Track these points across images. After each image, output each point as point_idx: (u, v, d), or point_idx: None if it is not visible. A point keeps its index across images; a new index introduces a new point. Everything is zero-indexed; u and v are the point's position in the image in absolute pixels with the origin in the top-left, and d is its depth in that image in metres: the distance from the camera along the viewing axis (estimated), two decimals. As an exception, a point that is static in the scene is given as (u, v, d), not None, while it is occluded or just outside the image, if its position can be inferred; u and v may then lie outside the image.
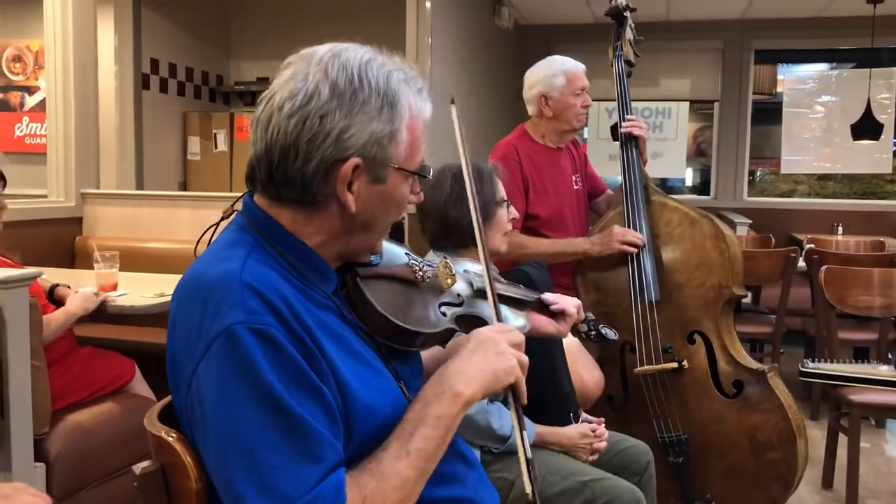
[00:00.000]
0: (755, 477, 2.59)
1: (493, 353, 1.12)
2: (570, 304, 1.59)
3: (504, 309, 1.33)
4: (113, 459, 2.60)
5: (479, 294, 1.34)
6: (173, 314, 1.06)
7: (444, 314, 1.24)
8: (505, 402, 1.17)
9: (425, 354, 1.33)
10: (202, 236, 1.21)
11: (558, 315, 1.59)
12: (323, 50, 1.09)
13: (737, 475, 2.61)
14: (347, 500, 0.96)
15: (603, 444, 1.99)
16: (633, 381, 2.69)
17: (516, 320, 1.45)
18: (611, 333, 1.58)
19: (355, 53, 1.09)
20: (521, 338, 1.17)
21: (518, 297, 1.52)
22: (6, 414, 2.24)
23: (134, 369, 2.92)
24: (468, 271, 1.38)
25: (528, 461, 1.12)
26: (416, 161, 1.13)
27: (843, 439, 3.08)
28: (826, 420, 3.45)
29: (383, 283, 1.19)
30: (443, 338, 1.24)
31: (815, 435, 3.76)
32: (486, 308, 1.30)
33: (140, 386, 2.93)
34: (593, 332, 1.57)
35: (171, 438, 1.06)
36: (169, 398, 1.19)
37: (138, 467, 1.07)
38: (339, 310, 1.11)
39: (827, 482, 3.31)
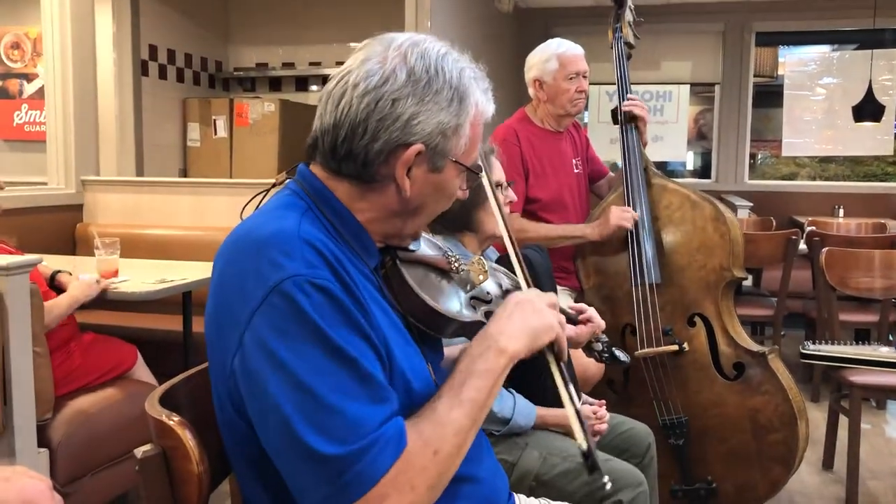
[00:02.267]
0: (756, 458, 2.60)
1: (531, 312, 1.16)
2: (595, 313, 1.59)
3: None
4: (115, 445, 2.61)
5: (507, 295, 1.36)
6: (220, 269, 1.07)
7: (473, 308, 1.26)
8: (547, 362, 1.19)
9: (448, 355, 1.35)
10: (250, 201, 1.23)
11: (579, 322, 1.59)
12: (402, 37, 1.13)
13: (738, 457, 2.62)
14: (409, 443, 0.99)
15: (604, 427, 1.99)
16: (633, 364, 2.70)
17: None
18: (623, 356, 1.60)
19: (433, 45, 1.13)
20: (556, 298, 1.22)
21: None
22: (8, 401, 2.25)
23: (136, 355, 2.93)
24: (497, 271, 1.40)
25: (577, 413, 1.14)
26: (471, 157, 1.17)
27: (843, 420, 3.09)
28: (827, 402, 3.46)
29: (420, 269, 1.22)
30: (471, 329, 1.26)
31: (816, 416, 3.77)
32: None
33: (142, 372, 2.94)
34: (606, 354, 1.58)
35: (172, 422, 1.06)
36: (170, 383, 1.20)
37: (140, 451, 1.07)
38: (378, 285, 1.15)
39: (828, 463, 3.32)
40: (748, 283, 4.92)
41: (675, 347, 2.62)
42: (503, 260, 2.06)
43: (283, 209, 1.10)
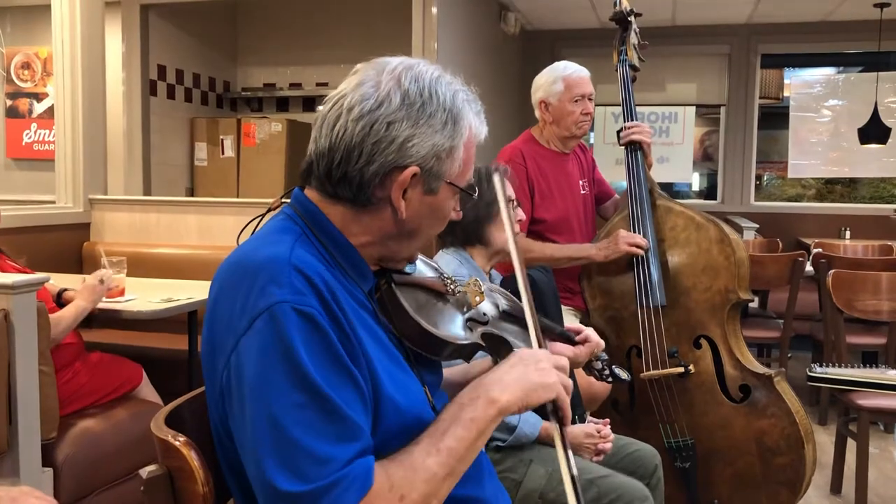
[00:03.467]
0: (762, 482, 2.58)
1: (533, 368, 1.14)
2: (593, 333, 1.59)
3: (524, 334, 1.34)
4: (120, 464, 2.61)
5: (504, 316, 1.36)
6: (215, 295, 1.08)
7: (470, 329, 1.25)
8: (546, 416, 1.18)
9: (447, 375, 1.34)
10: (246, 226, 1.24)
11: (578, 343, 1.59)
12: (395, 61, 1.14)
13: (744, 480, 2.60)
14: (375, 485, 0.98)
15: (608, 446, 1.99)
16: (639, 386, 2.69)
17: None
18: (623, 374, 1.60)
19: (427, 68, 1.14)
20: (566, 362, 1.20)
21: (541, 325, 1.52)
22: (14, 419, 2.25)
23: (141, 374, 2.93)
24: (493, 292, 1.40)
25: (573, 479, 1.13)
26: (465, 179, 1.17)
27: (851, 444, 3.06)
28: (834, 425, 3.44)
29: (416, 291, 1.22)
30: (468, 352, 1.26)
31: (824, 440, 3.74)
32: (509, 330, 1.32)
33: (147, 391, 2.94)
34: (606, 372, 1.59)
35: (177, 442, 1.06)
36: (175, 403, 1.20)
37: (145, 471, 1.07)
38: (372, 309, 1.14)
39: (835, 487, 3.29)
40: (755, 304, 4.91)
41: (681, 370, 2.61)
42: (507, 283, 2.07)
43: (278, 234, 1.10)
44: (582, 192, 3.00)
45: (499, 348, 1.30)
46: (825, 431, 4.00)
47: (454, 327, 1.23)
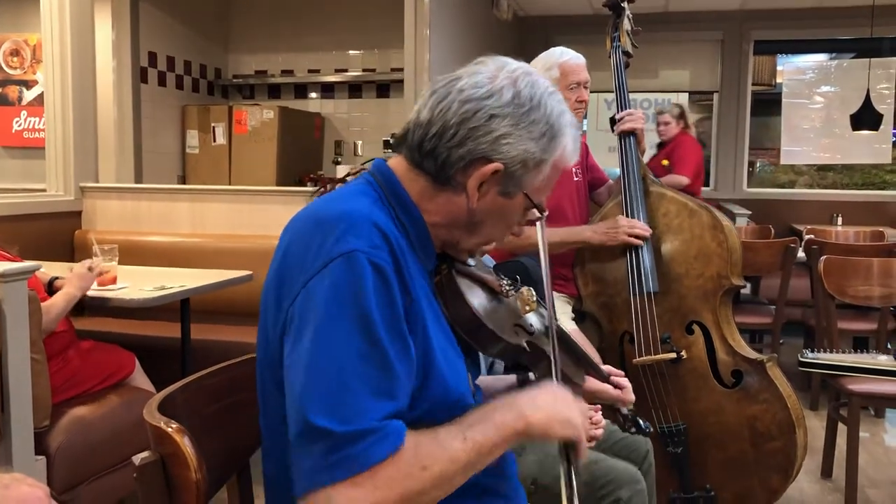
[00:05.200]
0: (754, 467, 2.59)
1: (563, 403, 1.16)
2: (628, 386, 1.60)
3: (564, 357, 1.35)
4: (114, 452, 2.61)
5: (548, 333, 1.36)
6: (287, 243, 1.11)
7: (516, 333, 1.27)
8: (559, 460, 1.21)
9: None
10: (319, 189, 1.27)
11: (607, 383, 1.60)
12: (516, 64, 1.19)
13: (736, 465, 2.62)
14: (404, 447, 1.00)
15: (599, 432, 1.98)
16: (631, 372, 2.69)
17: (576, 375, 1.46)
18: (646, 425, 1.62)
19: (544, 80, 1.19)
20: (592, 412, 1.24)
21: (577, 355, 1.52)
22: (6, 408, 2.24)
23: (134, 362, 2.92)
24: (541, 307, 1.40)
25: None
26: (541, 196, 1.20)
27: (842, 429, 3.08)
28: (825, 410, 3.46)
29: (473, 284, 1.24)
30: (513, 353, 1.26)
31: (815, 425, 3.77)
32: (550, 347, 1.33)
33: (140, 379, 2.93)
34: (630, 423, 1.60)
35: (170, 429, 1.06)
36: (168, 390, 1.20)
37: (138, 458, 1.07)
38: (431, 289, 1.17)
39: (826, 472, 3.32)
40: (747, 291, 4.92)
41: (673, 355, 2.61)
42: (498, 269, 2.06)
43: (355, 195, 1.14)
44: (575, 178, 2.99)
45: (539, 362, 1.30)
46: (816, 416, 4.02)
47: (504, 326, 1.24)
